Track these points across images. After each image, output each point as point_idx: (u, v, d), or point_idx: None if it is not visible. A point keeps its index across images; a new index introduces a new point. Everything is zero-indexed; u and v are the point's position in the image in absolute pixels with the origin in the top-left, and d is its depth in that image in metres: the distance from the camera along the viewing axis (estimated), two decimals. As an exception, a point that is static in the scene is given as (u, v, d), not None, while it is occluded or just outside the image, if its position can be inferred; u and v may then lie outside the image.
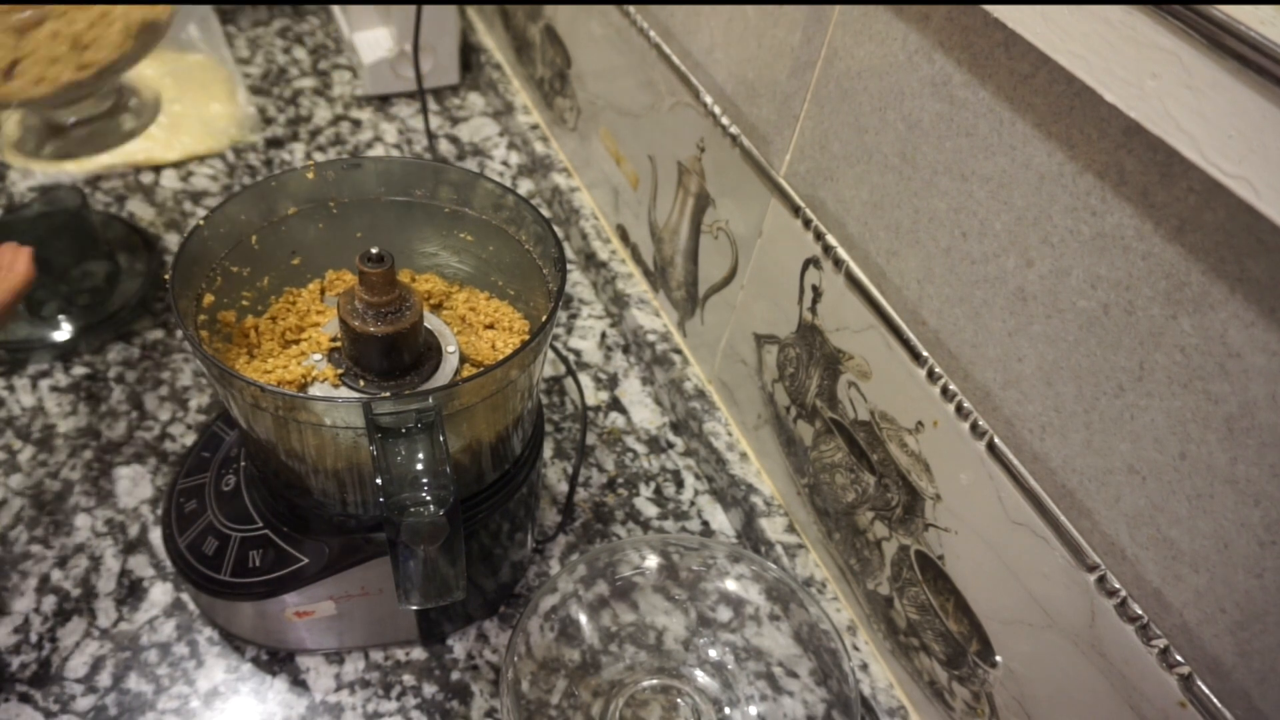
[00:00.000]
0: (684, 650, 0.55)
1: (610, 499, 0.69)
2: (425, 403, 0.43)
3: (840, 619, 0.60)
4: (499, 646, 0.60)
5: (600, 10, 0.75)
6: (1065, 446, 0.40)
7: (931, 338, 0.47)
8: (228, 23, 1.05)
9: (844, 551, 0.59)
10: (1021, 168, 0.39)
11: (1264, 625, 0.34)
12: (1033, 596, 0.44)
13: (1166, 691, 0.38)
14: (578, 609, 0.55)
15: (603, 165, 0.82)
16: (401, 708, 0.56)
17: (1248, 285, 0.32)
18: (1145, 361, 0.36)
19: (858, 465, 0.55)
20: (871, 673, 0.57)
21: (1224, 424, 0.34)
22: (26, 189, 0.83)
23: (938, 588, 0.50)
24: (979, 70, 0.40)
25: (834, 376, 0.55)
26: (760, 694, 0.53)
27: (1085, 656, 0.41)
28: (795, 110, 0.53)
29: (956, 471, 0.47)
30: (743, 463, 0.67)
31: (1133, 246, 0.35)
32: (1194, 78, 0.30)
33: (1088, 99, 0.35)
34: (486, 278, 0.56)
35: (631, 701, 0.53)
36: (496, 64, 1.00)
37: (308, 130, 0.94)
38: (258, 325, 0.51)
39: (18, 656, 0.56)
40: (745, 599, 0.56)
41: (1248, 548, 0.34)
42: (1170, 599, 0.37)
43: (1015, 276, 0.41)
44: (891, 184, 0.47)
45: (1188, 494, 0.36)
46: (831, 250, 0.53)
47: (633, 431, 0.73)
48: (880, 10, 0.45)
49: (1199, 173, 0.31)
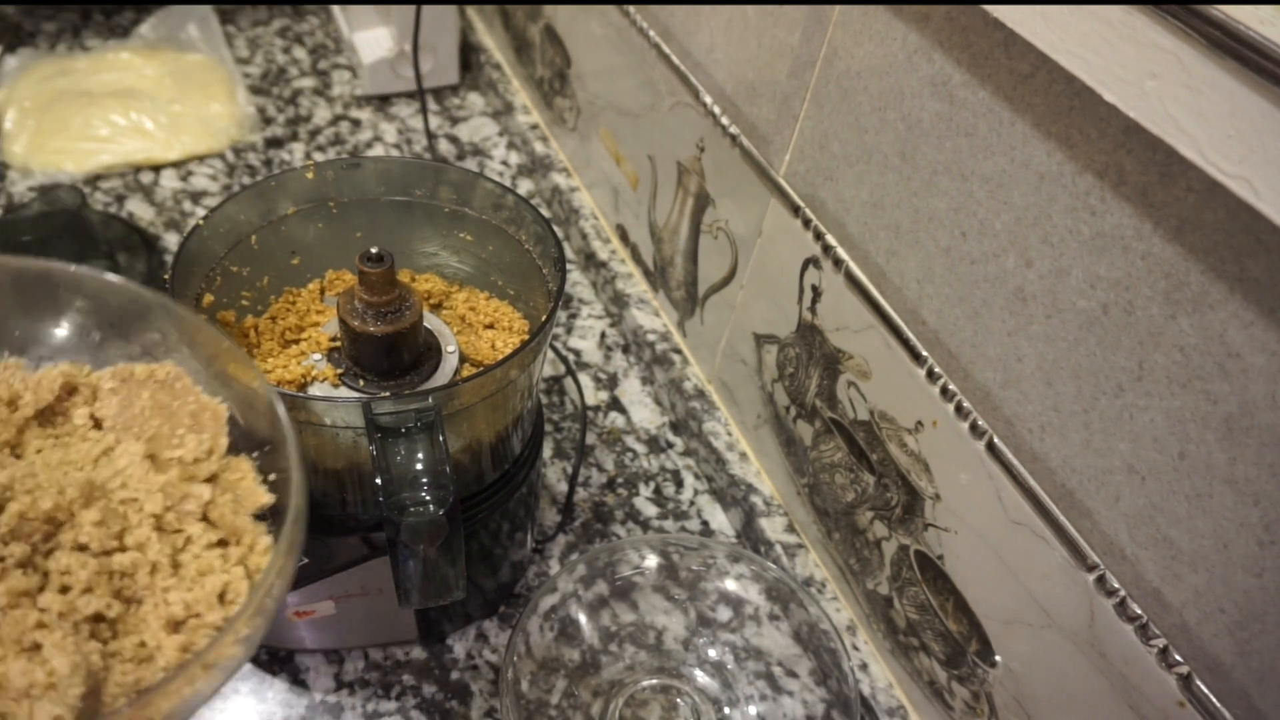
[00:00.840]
0: (684, 650, 0.55)
1: (610, 499, 0.69)
2: (425, 402, 0.43)
3: (840, 619, 0.60)
4: (499, 646, 0.60)
5: (600, 10, 0.75)
6: (1065, 446, 0.40)
7: (931, 337, 0.47)
8: (227, 22, 1.05)
9: (844, 551, 0.59)
10: (1021, 167, 0.39)
11: (1263, 625, 0.34)
12: (1032, 596, 0.44)
13: (1166, 691, 0.38)
14: (578, 609, 0.55)
15: (602, 165, 0.82)
16: (401, 707, 0.56)
17: (1247, 285, 0.32)
18: (1144, 361, 0.36)
19: (857, 465, 0.55)
20: (871, 672, 0.57)
21: (1223, 424, 0.34)
22: (26, 189, 0.83)
23: (937, 587, 0.50)
24: (979, 70, 0.40)
25: (834, 376, 0.55)
26: (760, 694, 0.54)
27: (1085, 656, 0.41)
28: (795, 110, 0.53)
29: (956, 471, 0.47)
30: (742, 463, 0.67)
31: (1132, 246, 0.35)
32: (1193, 77, 0.30)
33: (1087, 99, 0.35)
34: (486, 278, 0.56)
35: (631, 701, 0.53)
36: (496, 64, 1.00)
37: (307, 130, 0.94)
38: (257, 325, 0.51)
39: (17, 656, 0.56)
40: (745, 599, 0.56)
41: (1247, 547, 0.34)
42: (1169, 599, 0.37)
43: (1015, 276, 0.41)
44: (891, 184, 0.47)
45: (1187, 494, 0.36)
46: (831, 250, 0.53)
47: (632, 431, 0.73)
48: (880, 10, 0.45)
49: (1198, 172, 0.31)
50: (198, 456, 0.37)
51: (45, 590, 0.32)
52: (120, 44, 0.97)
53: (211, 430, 0.38)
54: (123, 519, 0.35)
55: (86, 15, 1.02)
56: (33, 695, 0.29)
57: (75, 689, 0.29)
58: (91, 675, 0.30)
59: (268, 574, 0.33)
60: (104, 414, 0.38)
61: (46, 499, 0.33)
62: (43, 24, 1.00)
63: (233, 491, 0.37)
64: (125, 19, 1.02)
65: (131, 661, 0.32)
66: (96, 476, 0.35)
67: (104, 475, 0.36)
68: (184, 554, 0.35)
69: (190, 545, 0.35)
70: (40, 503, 0.33)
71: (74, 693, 0.29)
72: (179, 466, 0.37)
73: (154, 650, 0.32)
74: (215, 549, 0.35)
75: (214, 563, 0.35)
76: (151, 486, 0.35)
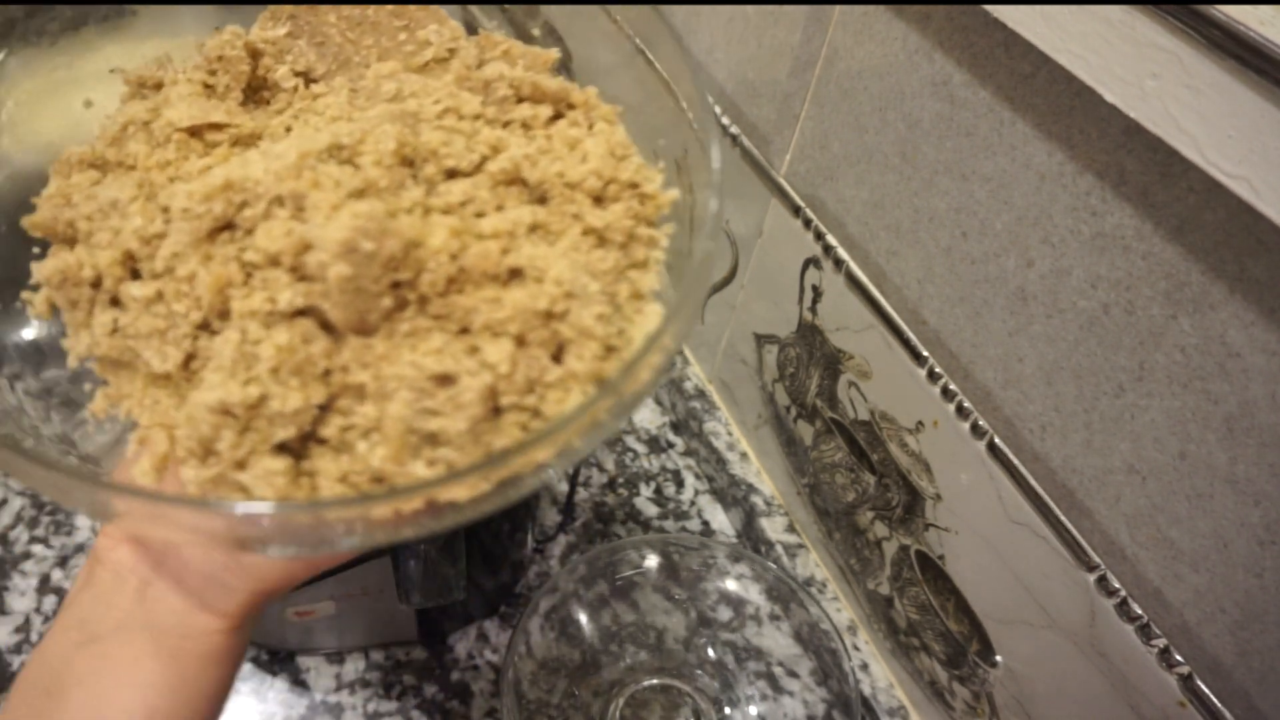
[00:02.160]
0: (684, 650, 0.55)
1: (610, 499, 0.69)
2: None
3: (840, 619, 0.60)
4: (499, 646, 0.60)
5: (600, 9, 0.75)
6: (1065, 446, 0.40)
7: (932, 337, 0.47)
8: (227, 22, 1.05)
9: (844, 551, 0.59)
10: (1022, 167, 0.39)
11: (1264, 625, 0.34)
12: (1033, 596, 0.44)
13: (1166, 691, 0.38)
14: (578, 609, 0.55)
15: (603, 165, 0.82)
16: (402, 707, 0.56)
17: (1247, 285, 0.32)
18: (1145, 361, 0.36)
19: (858, 465, 0.55)
20: (872, 672, 0.57)
21: (1224, 424, 0.34)
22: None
23: (938, 587, 0.50)
24: (979, 70, 0.40)
25: (834, 376, 0.55)
26: (760, 694, 0.54)
27: (1085, 656, 0.41)
28: (795, 110, 0.53)
29: (957, 471, 0.47)
30: (743, 462, 0.67)
31: (1133, 246, 0.35)
32: (1194, 78, 0.30)
33: (1088, 99, 0.35)
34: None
35: (632, 701, 0.53)
36: (496, 64, 1.00)
37: (308, 130, 0.94)
38: None
39: (19, 656, 0.56)
40: (745, 599, 0.56)
41: (1247, 547, 0.34)
42: (1170, 599, 0.37)
43: (1016, 276, 0.41)
44: (892, 184, 0.47)
45: (1187, 494, 0.36)
46: (831, 250, 0.53)
47: (633, 431, 0.73)
48: (880, 10, 0.45)
49: (1199, 173, 0.31)
50: (450, 47, 0.31)
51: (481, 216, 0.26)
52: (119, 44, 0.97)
53: (426, 13, 0.32)
54: (456, 132, 0.28)
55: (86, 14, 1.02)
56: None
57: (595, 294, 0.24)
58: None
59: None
60: (306, 64, 0.32)
61: (388, 139, 0.26)
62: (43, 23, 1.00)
63: (507, 62, 0.32)
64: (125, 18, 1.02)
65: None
66: (389, 107, 0.29)
67: (382, 105, 0.29)
68: (532, 139, 0.29)
69: (530, 127, 0.30)
70: (384, 145, 0.26)
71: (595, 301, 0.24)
72: (460, 69, 0.31)
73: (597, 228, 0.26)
74: (556, 123, 0.30)
75: (569, 131, 0.30)
76: (442, 91, 0.29)
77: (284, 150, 0.26)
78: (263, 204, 0.25)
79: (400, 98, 0.30)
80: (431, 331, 0.24)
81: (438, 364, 0.23)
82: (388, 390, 0.23)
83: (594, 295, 0.25)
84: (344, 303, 0.24)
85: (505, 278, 0.25)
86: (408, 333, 0.24)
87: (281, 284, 0.24)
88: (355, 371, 0.24)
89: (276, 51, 0.32)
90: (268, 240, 0.24)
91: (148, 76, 0.33)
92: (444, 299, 0.24)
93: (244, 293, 0.24)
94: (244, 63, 0.32)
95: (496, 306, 0.24)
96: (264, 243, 0.24)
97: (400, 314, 0.24)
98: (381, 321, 0.24)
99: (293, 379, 0.23)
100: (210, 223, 0.25)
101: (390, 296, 0.24)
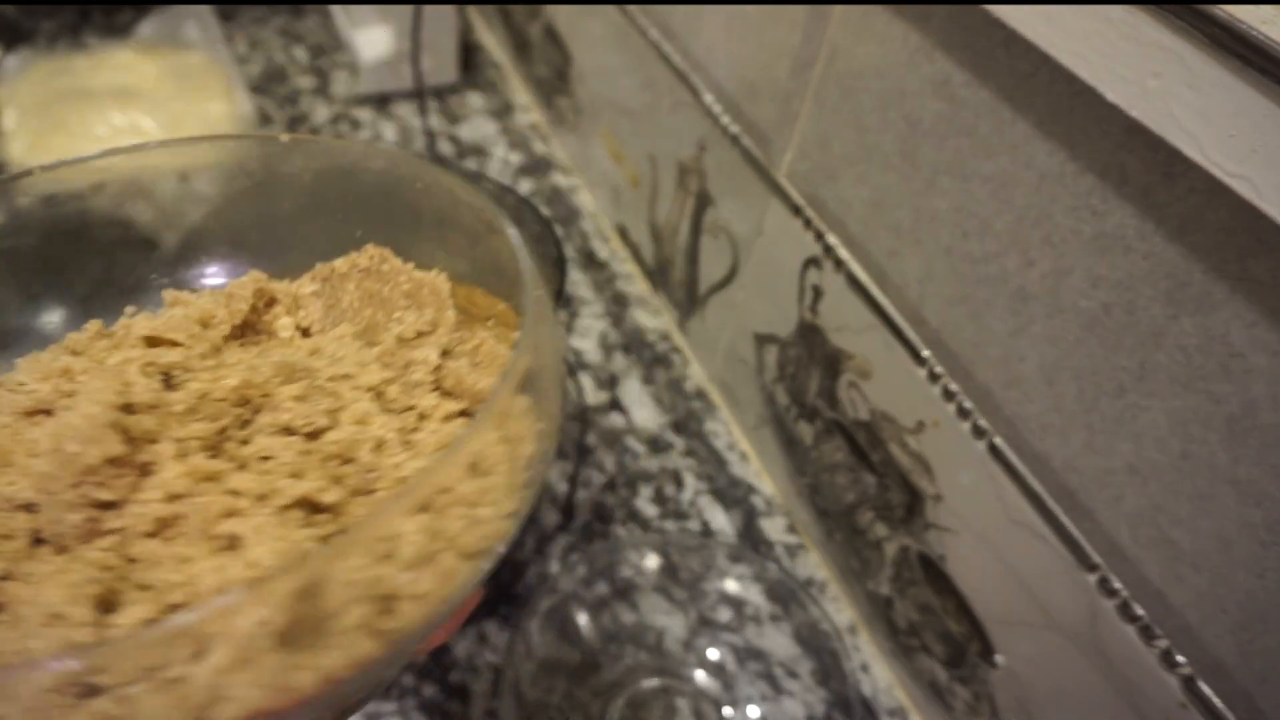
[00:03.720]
0: (684, 651, 0.55)
1: (610, 499, 0.69)
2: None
3: (841, 619, 0.60)
4: (499, 647, 0.60)
5: (600, 9, 0.75)
6: (1066, 447, 0.40)
7: (932, 337, 0.47)
8: (226, 21, 1.05)
9: (844, 552, 0.59)
10: (1023, 167, 0.39)
11: (1266, 626, 0.34)
12: (1033, 597, 0.44)
13: (1168, 692, 0.38)
14: (578, 609, 0.55)
15: (603, 165, 0.82)
16: (401, 708, 0.56)
17: (1250, 285, 0.32)
18: (1146, 361, 0.36)
19: (858, 465, 0.55)
20: (872, 673, 0.57)
21: (1226, 424, 0.34)
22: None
23: (938, 588, 0.50)
24: (980, 69, 0.40)
25: (834, 376, 0.55)
26: (761, 694, 0.53)
27: (1086, 657, 0.41)
28: (795, 110, 0.53)
29: (957, 472, 0.47)
30: (743, 463, 0.67)
31: (1134, 246, 0.35)
32: (1196, 77, 0.30)
33: (1089, 98, 0.35)
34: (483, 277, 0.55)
35: (632, 702, 0.53)
36: (496, 63, 1.00)
37: (307, 129, 0.94)
38: None
39: (17, 657, 0.56)
40: (745, 599, 0.56)
41: (1250, 548, 0.34)
42: (1172, 599, 0.37)
43: (1016, 276, 0.41)
44: (892, 183, 0.47)
45: (1189, 494, 0.36)
46: (832, 250, 0.53)
47: (633, 431, 0.73)
48: (881, 10, 0.45)
49: (1201, 172, 0.31)
50: (420, 330, 0.31)
51: (243, 471, 0.25)
52: (119, 43, 0.97)
53: (433, 305, 0.32)
54: (333, 395, 0.27)
55: (85, 14, 1.02)
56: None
57: (284, 583, 0.20)
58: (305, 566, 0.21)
59: (543, 440, 0.26)
60: (310, 320, 0.32)
61: (233, 377, 0.27)
62: (42, 23, 1.00)
63: (469, 357, 0.30)
64: (124, 18, 1.02)
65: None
66: (293, 356, 0.29)
67: (301, 356, 0.29)
68: (418, 433, 0.28)
69: (425, 422, 0.28)
70: (225, 380, 0.26)
71: (282, 588, 0.20)
72: (396, 341, 0.30)
73: (393, 538, 0.23)
74: (458, 419, 0.28)
75: (457, 434, 0.27)
76: (365, 359, 0.29)
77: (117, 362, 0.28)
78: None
79: (317, 353, 0.30)
80: (84, 567, 0.22)
81: (58, 603, 0.21)
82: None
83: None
84: (44, 504, 0.23)
85: (224, 543, 0.23)
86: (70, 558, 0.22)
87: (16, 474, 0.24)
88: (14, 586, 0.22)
89: (293, 305, 0.33)
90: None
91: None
92: (145, 541, 0.23)
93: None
94: (245, 301, 0.32)
95: (177, 570, 0.22)
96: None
97: (91, 540, 0.23)
98: (74, 543, 0.23)
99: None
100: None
101: (82, 514, 0.22)
